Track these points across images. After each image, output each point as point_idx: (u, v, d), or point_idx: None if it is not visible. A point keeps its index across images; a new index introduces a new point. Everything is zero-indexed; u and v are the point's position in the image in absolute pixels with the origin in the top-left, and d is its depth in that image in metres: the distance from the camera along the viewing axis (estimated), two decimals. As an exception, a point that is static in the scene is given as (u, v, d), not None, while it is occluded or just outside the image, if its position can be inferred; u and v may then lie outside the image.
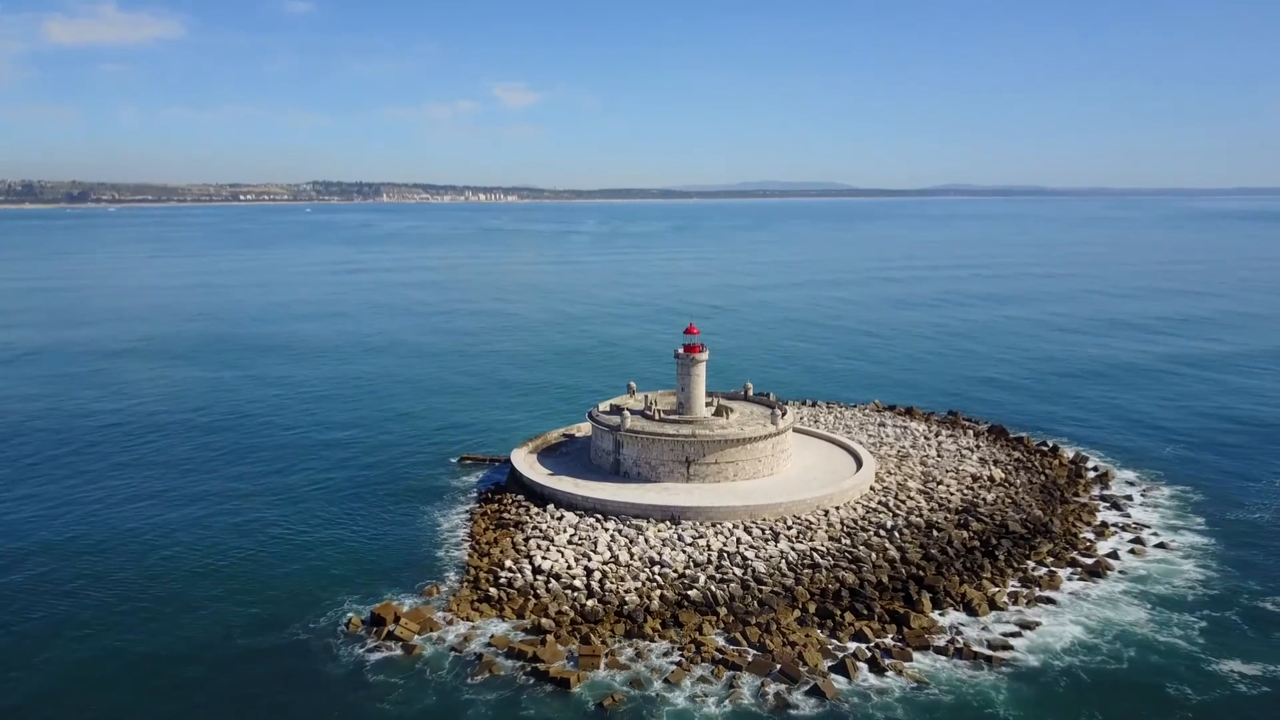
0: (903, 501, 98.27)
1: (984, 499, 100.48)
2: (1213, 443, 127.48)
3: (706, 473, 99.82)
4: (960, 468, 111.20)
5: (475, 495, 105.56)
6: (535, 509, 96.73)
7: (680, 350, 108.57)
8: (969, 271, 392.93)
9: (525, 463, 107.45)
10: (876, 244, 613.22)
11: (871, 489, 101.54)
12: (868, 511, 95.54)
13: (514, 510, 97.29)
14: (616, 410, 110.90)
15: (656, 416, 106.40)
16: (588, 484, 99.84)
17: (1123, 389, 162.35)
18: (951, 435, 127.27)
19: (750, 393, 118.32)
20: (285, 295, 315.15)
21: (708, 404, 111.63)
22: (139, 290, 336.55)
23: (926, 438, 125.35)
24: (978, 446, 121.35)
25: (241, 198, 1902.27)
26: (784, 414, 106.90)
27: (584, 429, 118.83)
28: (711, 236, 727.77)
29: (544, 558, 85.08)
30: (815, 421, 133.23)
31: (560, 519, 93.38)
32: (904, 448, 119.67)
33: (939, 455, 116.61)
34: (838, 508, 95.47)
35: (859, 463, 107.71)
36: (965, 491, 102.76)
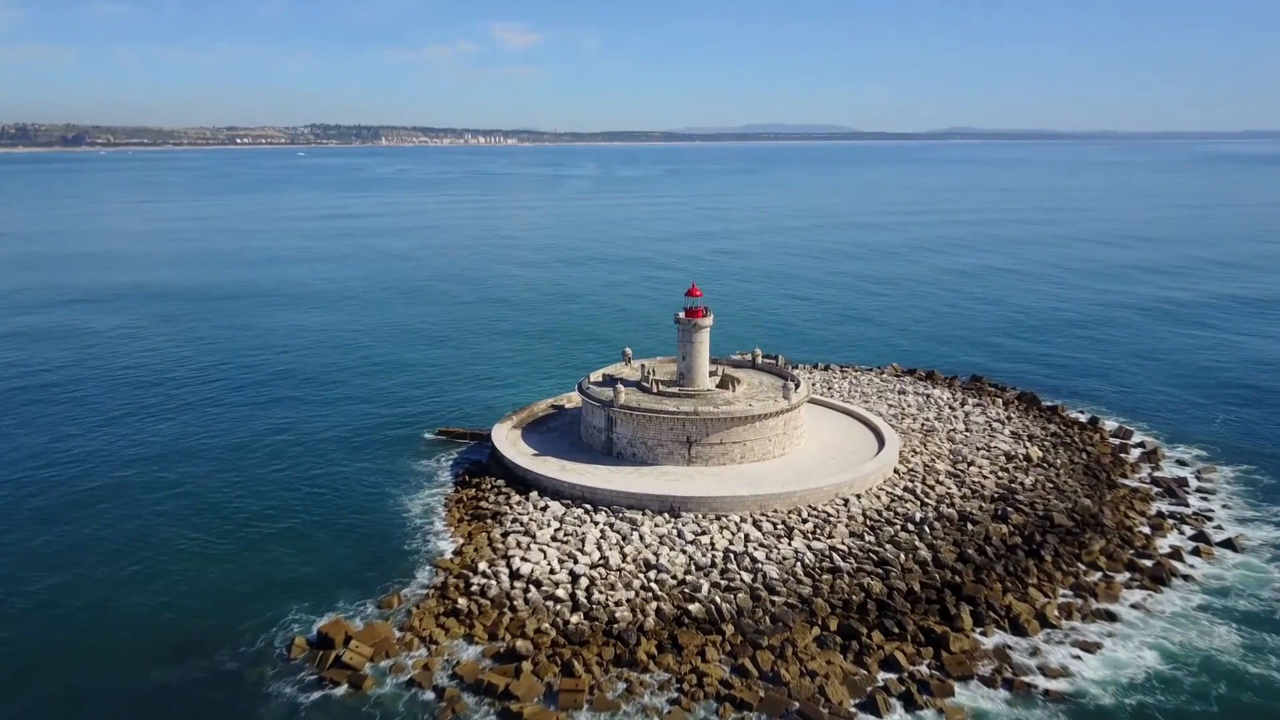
0: (931, 488, 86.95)
1: (1022, 483, 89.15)
2: (1275, 410, 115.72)
3: (710, 454, 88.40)
4: (992, 444, 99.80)
5: (451, 477, 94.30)
6: (517, 496, 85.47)
7: (681, 314, 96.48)
8: (983, 219, 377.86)
9: (507, 440, 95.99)
10: (884, 190, 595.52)
11: (895, 471, 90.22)
12: (893, 500, 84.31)
13: (493, 498, 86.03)
14: (610, 381, 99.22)
15: (654, 389, 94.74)
16: (576, 467, 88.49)
17: (1161, 347, 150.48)
18: (979, 404, 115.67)
19: (759, 359, 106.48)
20: (256, 243, 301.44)
21: (711, 373, 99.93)
22: (100, 237, 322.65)
23: (951, 408, 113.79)
24: (1008, 418, 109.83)
25: (238, 141, 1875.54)
26: (797, 386, 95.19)
27: (575, 399, 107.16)
28: (712, 183, 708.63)
29: (524, 559, 73.96)
30: (829, 389, 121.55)
31: (544, 510, 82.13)
32: (928, 420, 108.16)
33: (967, 429, 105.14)
34: (859, 495, 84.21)
35: (880, 440, 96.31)
36: (1000, 474, 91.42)
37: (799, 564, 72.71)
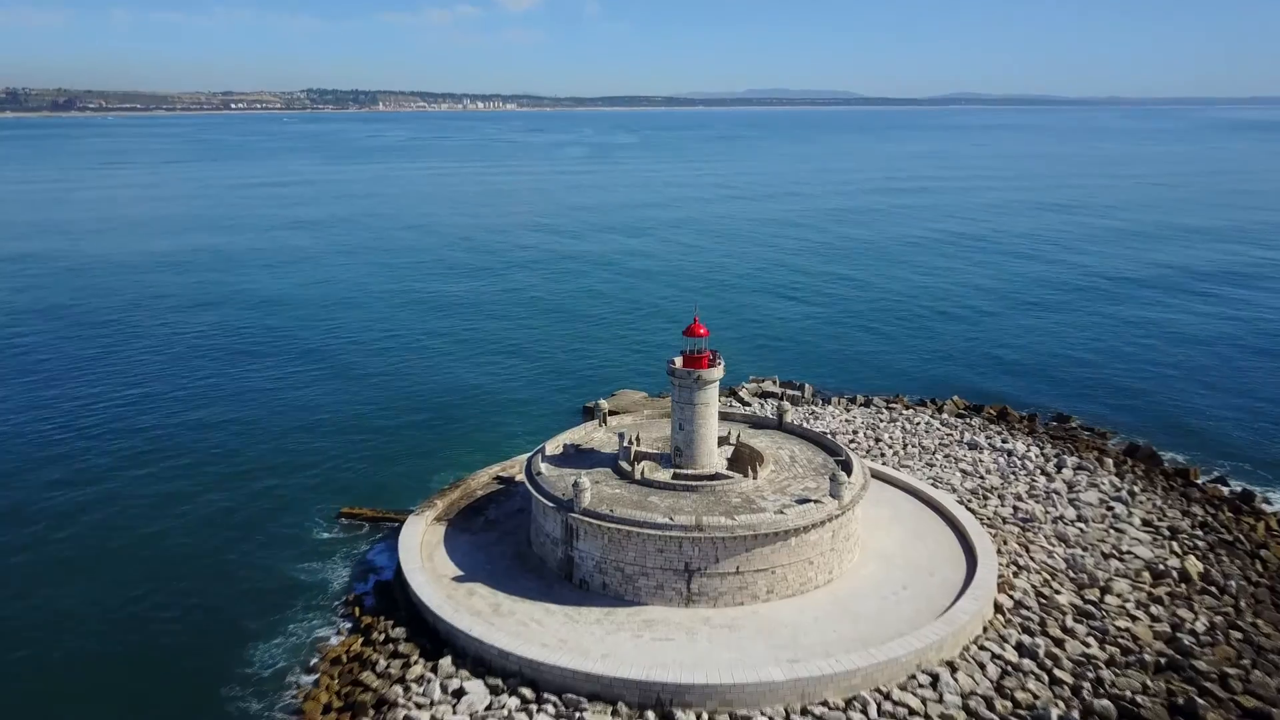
0: (1059, 644, 56.65)
1: (1193, 629, 58.89)
2: None
3: (721, 588, 58.11)
4: (1123, 547, 69.45)
5: (340, 607, 63.95)
6: (420, 665, 55.12)
7: (676, 361, 65.85)
8: (1018, 196, 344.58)
9: (421, 551, 65.59)
10: (909, 161, 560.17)
11: (998, 608, 59.98)
12: (1004, 672, 54.10)
13: (383, 664, 55.66)
14: (572, 453, 68.81)
15: (637, 473, 64.36)
16: (517, 607, 58.25)
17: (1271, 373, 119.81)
18: (1081, 466, 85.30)
19: (783, 408, 76.01)
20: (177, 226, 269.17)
21: (721, 439, 69.63)
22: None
23: (1046, 474, 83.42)
24: (1130, 493, 79.39)
25: (234, 106, 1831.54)
26: (849, 469, 64.81)
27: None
28: (717, 152, 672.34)
29: (410, 814, 43.90)
30: (876, 442, 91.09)
31: (457, 699, 51.82)
32: (1021, 498, 77.82)
33: (1079, 515, 74.77)
34: (952, 666, 53.99)
35: (965, 543, 66.19)
36: (1154, 609, 61.10)
37: (875, 835, 42.63)
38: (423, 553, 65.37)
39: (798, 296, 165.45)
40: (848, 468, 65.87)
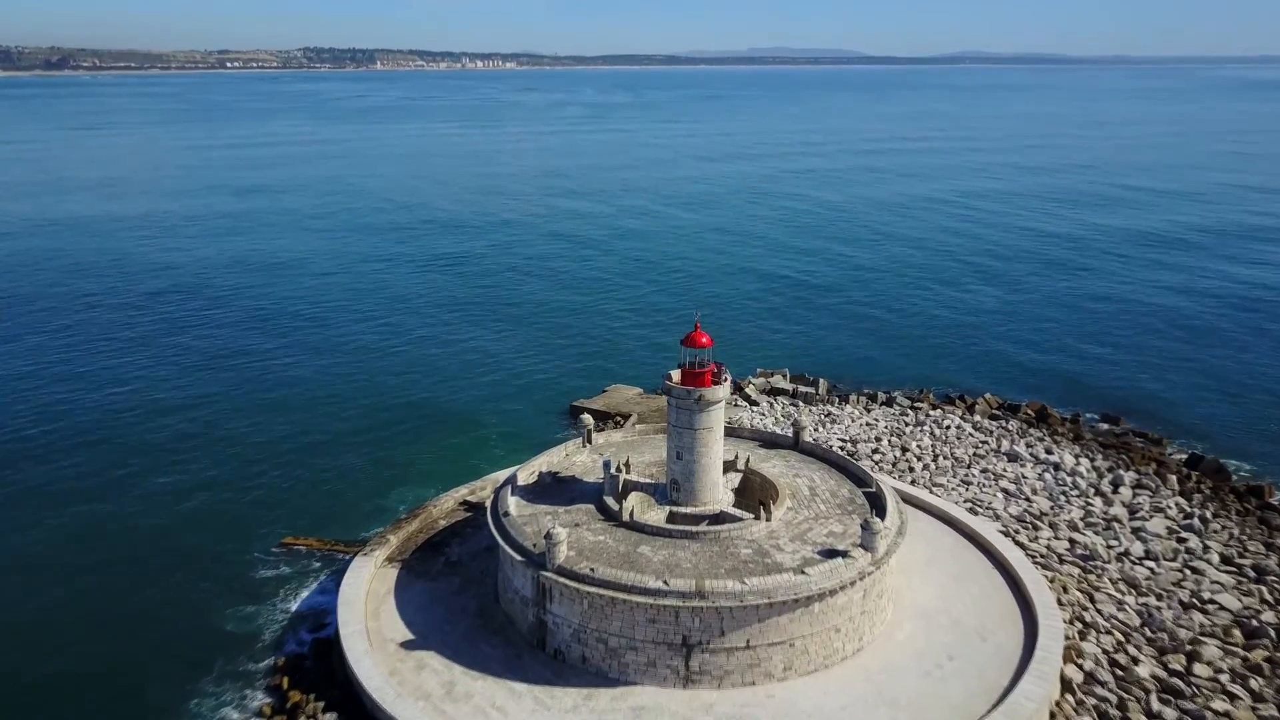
0: (1147, 738, 45.79)
1: (1303, 713, 47.99)
2: None
3: (727, 667, 47.07)
4: (1203, 593, 58.44)
5: (266, 672, 53.03)
6: (351, 767, 44.27)
7: (673, 377, 54.26)
8: (1042, 164, 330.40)
9: (363, 605, 54.48)
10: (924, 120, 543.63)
11: (1066, 690, 48.98)
12: (1083, 780, 43.20)
13: (308, 764, 44.83)
14: (549, 483, 57.60)
15: (626, 513, 53.12)
16: (473, 688, 47.28)
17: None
18: (1140, 483, 74.24)
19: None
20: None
21: (727, 464, 58.37)
22: None
23: (1102, 494, 72.29)
24: (1203, 519, 68.25)
25: (229, 65, 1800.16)
26: (882, 509, 53.63)
27: (499, 481, 64.81)
28: (718, 114, 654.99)
29: None
30: (903, 453, 79.75)
31: (393, 823, 40.98)
32: (1075, 527, 66.79)
33: (1146, 551, 63.67)
34: (1018, 773, 43.07)
35: (1018, 591, 55.23)
36: (1253, 682, 50.17)
37: None
38: (367, 607, 54.30)
39: (802, 275, 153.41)
40: (880, 506, 54.61)
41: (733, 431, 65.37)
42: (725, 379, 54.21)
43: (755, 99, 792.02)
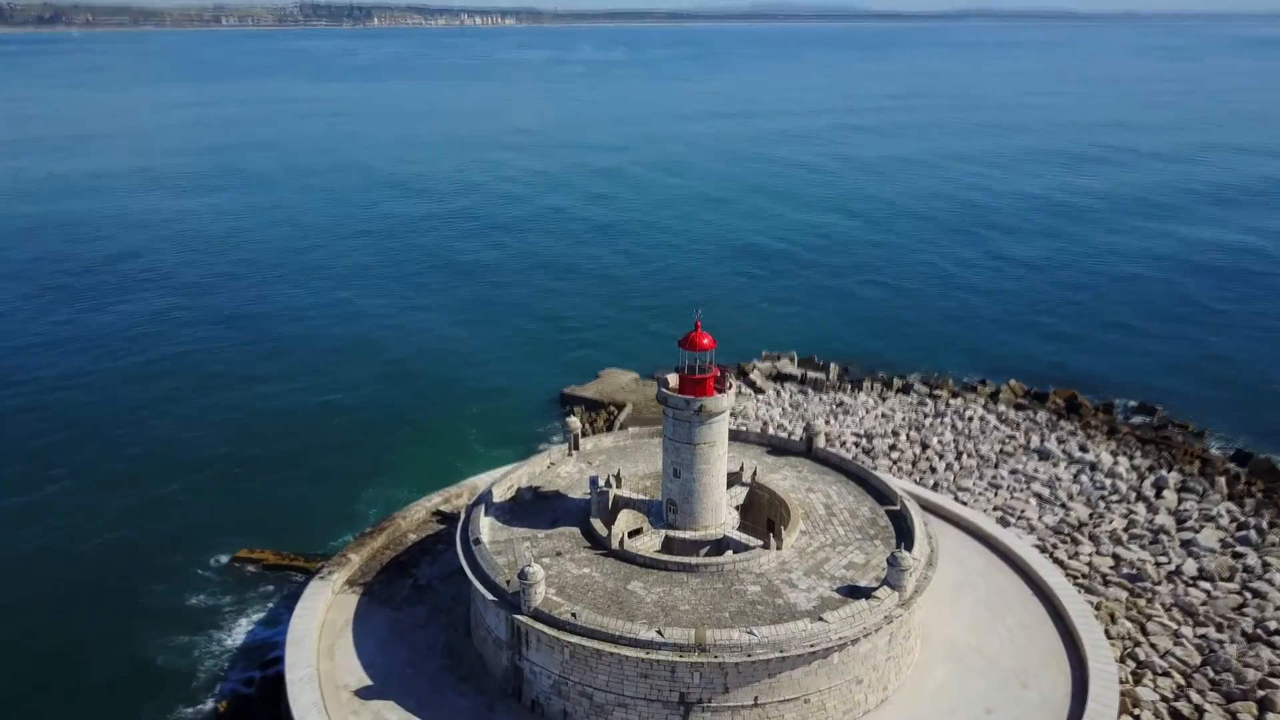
0: (1222, 813, 39.22)
1: (1398, 777, 41.41)
2: None
3: (731, 727, 40.41)
4: (1268, 621, 51.72)
5: (211, 706, 46.59)
6: None
7: (670, 383, 47.04)
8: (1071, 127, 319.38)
9: (316, 641, 47.75)
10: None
11: (1123, 745, 42.42)
12: None
13: None
14: (528, 499, 50.69)
15: (615, 539, 46.19)
16: (439, 751, 40.71)
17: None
18: (1185, 487, 67.39)
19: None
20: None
21: (732, 475, 51.34)
22: None
23: (1142, 497, 65.47)
24: (1258, 531, 61.38)
25: (224, 21, 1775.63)
26: (910, 538, 46.76)
27: (484, 488, 57.67)
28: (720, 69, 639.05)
29: None
30: (923, 450, 72.73)
31: None
32: (1119, 540, 59.98)
33: (1199, 567, 56.86)
34: None
35: (1062, 627, 48.51)
36: (1335, 738, 43.61)
37: None
38: (320, 645, 47.60)
39: (805, 247, 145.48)
40: (906, 531, 47.71)
41: (737, 435, 58.30)
42: (730, 386, 47.02)
43: (768, 58, 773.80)
